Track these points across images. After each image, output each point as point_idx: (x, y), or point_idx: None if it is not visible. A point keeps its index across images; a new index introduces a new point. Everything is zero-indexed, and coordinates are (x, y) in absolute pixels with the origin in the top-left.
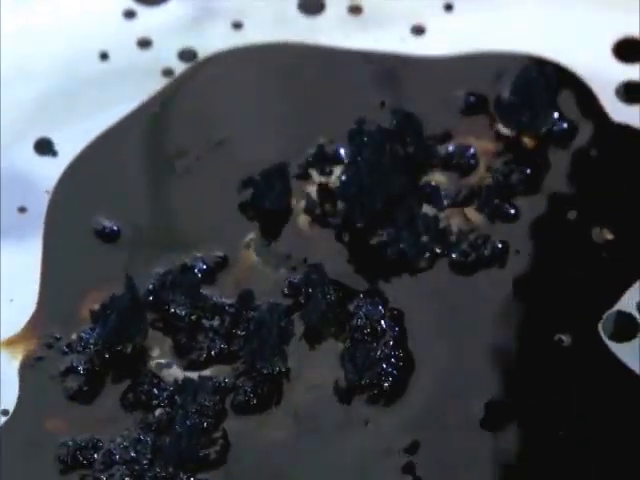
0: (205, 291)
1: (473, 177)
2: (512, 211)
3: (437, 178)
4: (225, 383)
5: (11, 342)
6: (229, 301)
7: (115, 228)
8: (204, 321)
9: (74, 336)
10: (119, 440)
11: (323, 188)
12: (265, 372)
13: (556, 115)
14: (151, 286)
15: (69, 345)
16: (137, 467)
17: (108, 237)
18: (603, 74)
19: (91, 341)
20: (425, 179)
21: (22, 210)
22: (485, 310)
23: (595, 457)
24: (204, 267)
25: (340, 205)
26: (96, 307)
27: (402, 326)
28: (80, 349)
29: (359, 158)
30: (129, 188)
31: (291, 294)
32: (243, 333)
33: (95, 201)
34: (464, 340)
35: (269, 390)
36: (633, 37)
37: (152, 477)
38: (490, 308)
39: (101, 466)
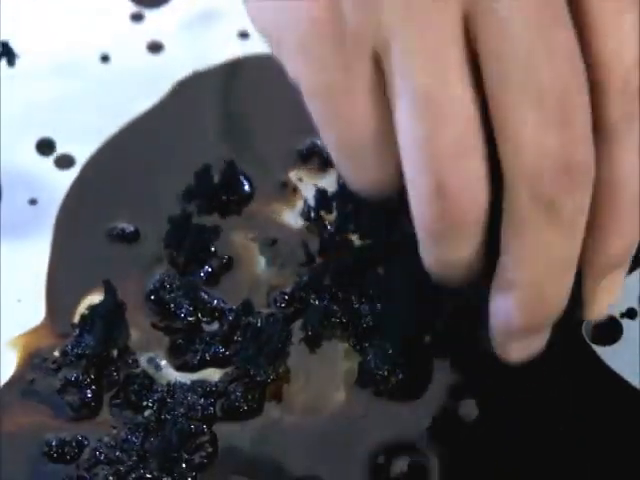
0: (207, 293)
1: None
2: None
3: None
4: (217, 387)
5: (17, 342)
6: (229, 305)
7: (128, 229)
8: (203, 324)
9: (56, 352)
10: (106, 439)
11: (322, 193)
12: (259, 379)
13: None
14: (152, 286)
15: (55, 362)
16: (121, 468)
17: (119, 237)
18: None
19: (79, 352)
20: None
21: (32, 205)
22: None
23: (594, 455)
24: (208, 269)
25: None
26: (76, 320)
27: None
28: (68, 362)
29: None
30: (141, 190)
31: (290, 303)
32: (240, 339)
33: (107, 203)
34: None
35: (261, 396)
36: None
37: (136, 478)
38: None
39: (85, 464)
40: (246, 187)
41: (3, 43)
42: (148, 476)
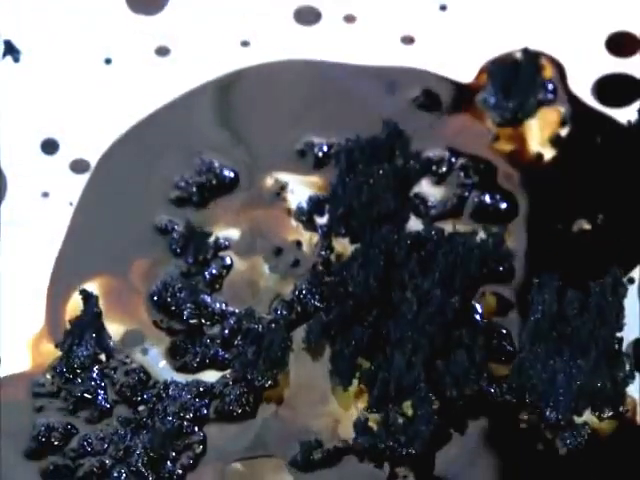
0: (210, 296)
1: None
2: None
3: (425, 190)
4: (213, 389)
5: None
6: (231, 309)
7: (140, 228)
8: (204, 327)
9: (48, 375)
10: (96, 432)
11: (313, 197)
12: (256, 384)
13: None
14: (155, 287)
15: (52, 383)
16: (107, 460)
17: (131, 236)
18: (595, 67)
19: (74, 366)
20: (413, 191)
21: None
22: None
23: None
24: (213, 270)
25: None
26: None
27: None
28: (65, 380)
29: (349, 175)
30: (149, 188)
31: (292, 310)
32: (240, 342)
33: (120, 200)
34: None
35: (256, 401)
36: (628, 32)
37: (120, 473)
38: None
39: (72, 453)
40: (235, 189)
41: (6, 41)
42: (132, 469)
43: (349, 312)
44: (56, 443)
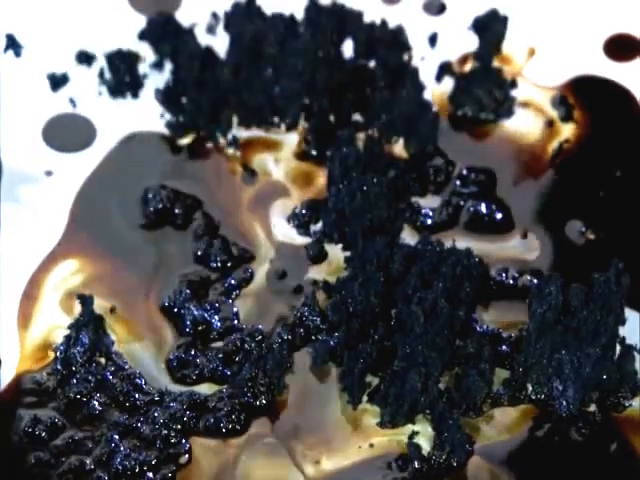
0: (220, 309)
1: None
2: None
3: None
4: (206, 402)
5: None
6: (239, 325)
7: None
8: (209, 341)
9: (45, 374)
10: (84, 432)
11: (310, 204)
12: (249, 402)
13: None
14: (166, 298)
15: (49, 380)
16: (88, 461)
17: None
18: (595, 70)
19: (69, 366)
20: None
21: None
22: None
23: None
24: (232, 281)
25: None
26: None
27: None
28: (60, 381)
29: (345, 181)
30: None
31: (295, 333)
32: (242, 360)
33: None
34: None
35: (246, 419)
36: (628, 35)
37: (99, 476)
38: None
39: (55, 450)
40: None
41: (8, 35)
42: (112, 474)
43: (354, 332)
44: (42, 435)
